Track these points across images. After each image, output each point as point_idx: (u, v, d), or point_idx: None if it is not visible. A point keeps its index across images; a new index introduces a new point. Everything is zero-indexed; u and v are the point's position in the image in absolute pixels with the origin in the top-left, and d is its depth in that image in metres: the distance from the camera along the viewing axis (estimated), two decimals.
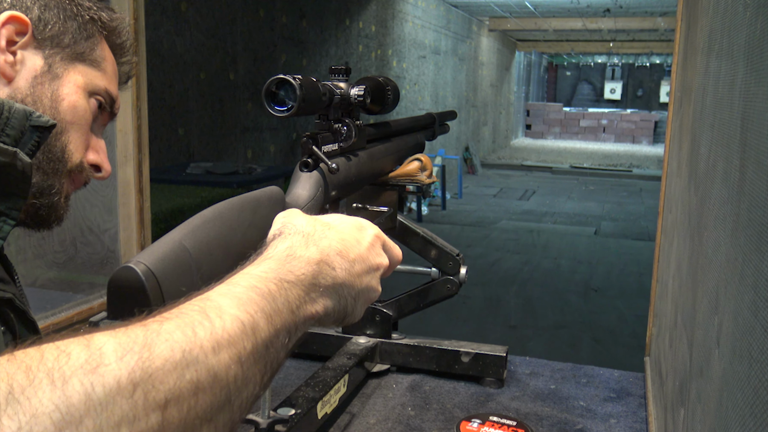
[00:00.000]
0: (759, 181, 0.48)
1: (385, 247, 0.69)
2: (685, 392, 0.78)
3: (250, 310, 0.49)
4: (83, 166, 0.76)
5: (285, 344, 0.52)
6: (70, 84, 0.73)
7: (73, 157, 0.74)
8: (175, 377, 0.41)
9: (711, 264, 0.67)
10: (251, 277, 0.53)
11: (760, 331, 0.45)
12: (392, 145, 1.11)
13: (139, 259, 0.52)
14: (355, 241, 0.64)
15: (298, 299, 0.55)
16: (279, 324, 0.51)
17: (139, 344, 0.40)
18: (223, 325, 0.46)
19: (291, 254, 0.58)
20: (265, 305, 0.50)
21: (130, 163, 1.60)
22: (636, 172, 13.17)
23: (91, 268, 1.65)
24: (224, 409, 0.44)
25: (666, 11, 10.77)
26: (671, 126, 1.32)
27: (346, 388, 1.16)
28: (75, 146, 0.74)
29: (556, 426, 1.13)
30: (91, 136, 0.78)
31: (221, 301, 0.48)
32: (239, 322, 0.47)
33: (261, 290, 0.51)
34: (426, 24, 9.82)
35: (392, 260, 0.70)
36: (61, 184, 0.74)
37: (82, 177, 0.77)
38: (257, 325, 0.49)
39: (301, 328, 0.55)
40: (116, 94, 0.81)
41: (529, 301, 5.04)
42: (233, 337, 0.46)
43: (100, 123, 0.80)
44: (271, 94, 0.78)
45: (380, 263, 0.66)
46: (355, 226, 0.66)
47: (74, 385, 0.36)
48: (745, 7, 0.58)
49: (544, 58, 22.70)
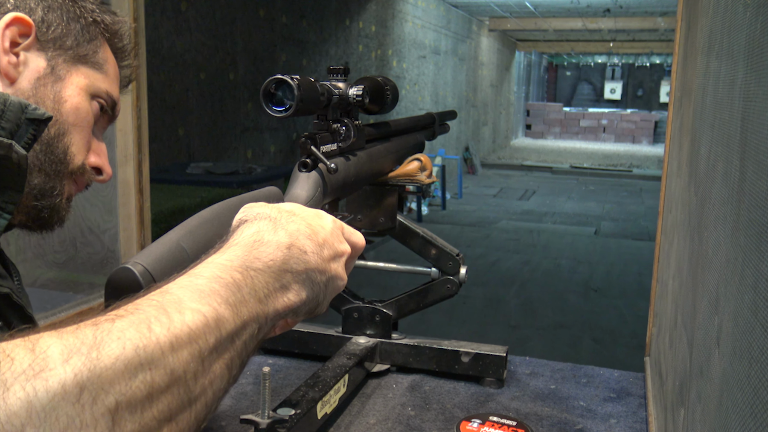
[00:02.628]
0: (759, 181, 0.48)
1: (345, 234, 0.67)
2: (685, 392, 0.78)
3: (212, 302, 0.47)
4: (85, 169, 0.76)
5: (254, 335, 0.50)
6: (72, 86, 0.73)
7: (75, 159, 0.74)
8: (127, 378, 0.38)
9: (711, 264, 0.66)
10: (215, 266, 0.50)
11: (760, 331, 0.45)
12: (392, 145, 1.11)
13: (137, 259, 0.52)
14: (319, 227, 0.62)
15: (266, 287, 0.53)
16: (246, 315, 0.49)
17: (87, 345, 0.38)
18: (183, 320, 0.44)
19: (258, 239, 0.55)
20: (230, 296, 0.48)
21: (130, 163, 1.60)
22: (636, 172, 13.17)
23: (91, 268, 1.65)
24: (186, 408, 0.42)
25: (666, 11, 10.77)
26: (671, 126, 1.32)
27: (346, 388, 1.16)
28: (77, 148, 0.74)
29: (556, 426, 1.13)
30: (92, 138, 0.78)
31: (181, 294, 0.46)
32: (201, 315, 0.45)
33: (225, 280, 0.49)
34: (426, 24, 9.82)
35: (355, 247, 0.68)
36: (63, 185, 0.74)
37: (83, 179, 0.77)
38: (221, 317, 0.46)
39: (273, 317, 0.53)
40: (117, 97, 0.81)
41: (529, 301, 5.04)
42: (194, 332, 0.44)
43: (100, 126, 0.80)
44: (270, 94, 0.78)
45: (344, 250, 0.65)
46: (315, 213, 0.65)
47: (16, 391, 0.34)
48: (745, 7, 0.58)
49: (544, 58, 22.70)
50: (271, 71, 5.45)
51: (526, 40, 17.00)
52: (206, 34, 4.97)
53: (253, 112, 5.60)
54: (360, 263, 1.51)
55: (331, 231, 0.63)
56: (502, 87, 16.23)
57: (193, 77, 4.88)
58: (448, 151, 10.10)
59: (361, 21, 7.61)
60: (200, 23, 4.89)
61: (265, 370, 0.87)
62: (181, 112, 4.78)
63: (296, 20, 6.15)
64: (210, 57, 5.04)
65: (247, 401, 1.18)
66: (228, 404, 1.16)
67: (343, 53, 7.14)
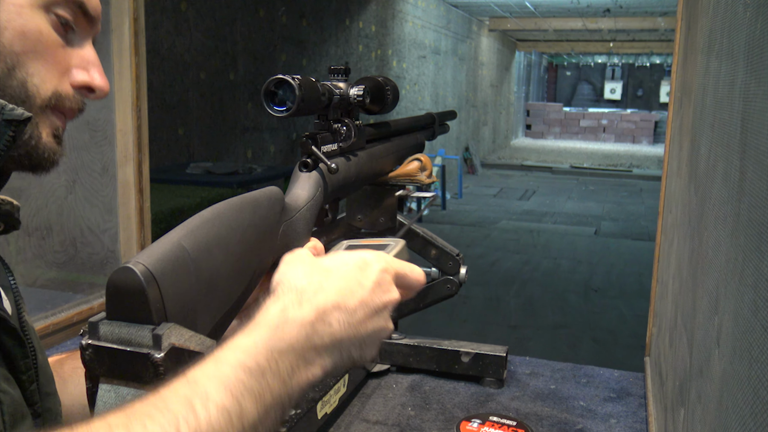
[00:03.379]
0: (759, 181, 0.48)
1: (397, 279, 0.64)
2: (685, 392, 0.78)
3: (236, 392, 0.48)
4: (63, 95, 0.63)
5: (276, 417, 0.52)
6: (8, 6, 0.59)
7: (40, 91, 0.61)
8: None
9: (711, 264, 0.66)
10: (240, 351, 0.52)
11: (760, 331, 0.45)
12: (392, 145, 1.11)
13: (138, 259, 0.52)
14: (357, 285, 0.60)
15: (290, 367, 0.53)
16: (269, 401, 0.51)
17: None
18: (208, 418, 0.46)
19: (283, 319, 0.55)
20: (254, 385, 0.50)
21: (130, 163, 1.60)
22: (636, 172, 13.17)
23: (91, 268, 1.65)
24: None
25: (666, 11, 10.76)
26: (671, 126, 1.32)
27: (346, 388, 1.16)
28: (40, 78, 0.61)
29: (556, 426, 1.13)
30: (72, 52, 0.64)
31: (208, 386, 0.48)
32: (225, 411, 0.47)
33: (249, 367, 0.50)
34: (426, 24, 9.82)
35: (411, 287, 0.65)
36: (35, 127, 0.62)
37: (69, 106, 0.64)
38: (244, 410, 0.48)
39: (297, 394, 0.54)
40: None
41: (529, 301, 5.04)
42: (217, 430, 0.46)
43: (80, 35, 0.65)
44: (270, 94, 0.78)
45: (388, 301, 0.61)
46: (358, 265, 0.61)
47: None
48: (745, 7, 0.58)
49: (544, 58, 22.70)
50: (271, 71, 5.45)
51: (526, 40, 17.00)
52: (206, 34, 4.97)
53: (253, 112, 5.60)
54: None
55: (372, 287, 0.60)
56: (502, 87, 16.23)
57: (193, 77, 4.88)
58: (448, 151, 10.10)
59: (361, 21, 7.61)
60: (200, 23, 4.89)
61: None
62: (181, 112, 4.78)
63: (296, 20, 6.15)
64: (210, 57, 5.04)
65: None
66: None
67: (343, 53, 7.14)
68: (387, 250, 0.69)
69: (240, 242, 0.63)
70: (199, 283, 0.57)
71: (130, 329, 0.51)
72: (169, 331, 0.51)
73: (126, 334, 0.51)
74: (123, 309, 0.52)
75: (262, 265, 0.68)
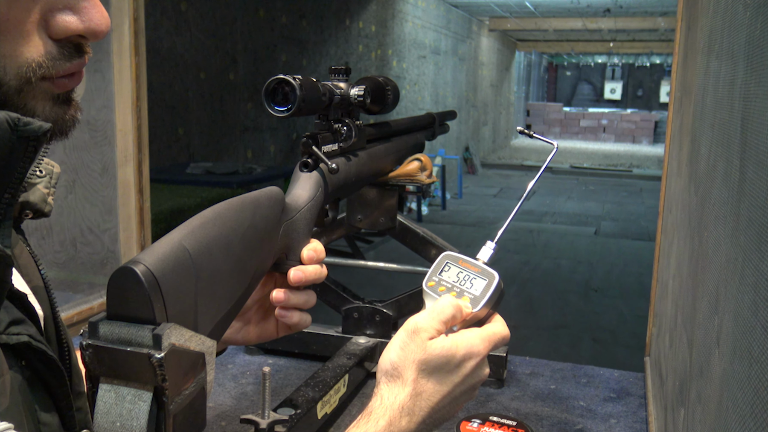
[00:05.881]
0: (759, 182, 0.48)
1: (489, 354, 0.74)
2: (685, 392, 0.78)
3: None
4: (56, 56, 0.50)
5: None
6: None
7: (18, 62, 0.48)
8: None
9: (711, 264, 0.66)
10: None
11: (760, 331, 0.45)
12: (392, 145, 1.11)
13: (139, 259, 0.52)
14: (461, 394, 0.73)
15: None
16: None
17: None
18: None
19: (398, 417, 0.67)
20: None
21: (130, 163, 1.60)
22: (636, 172, 13.17)
23: (91, 268, 1.66)
24: None
25: (666, 11, 10.76)
26: (671, 126, 1.32)
27: (346, 388, 1.16)
28: (17, 52, 0.48)
29: (556, 426, 1.13)
30: (56, 11, 0.50)
31: None
32: None
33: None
34: (426, 24, 9.82)
35: (498, 346, 0.75)
36: (35, 102, 0.51)
37: (70, 64, 0.52)
38: None
39: None
40: None
41: (529, 301, 5.04)
42: None
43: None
44: (271, 94, 0.78)
45: (479, 383, 0.74)
46: (471, 385, 0.73)
47: None
48: (745, 7, 0.58)
49: (544, 58, 22.70)
50: (271, 71, 5.46)
51: (526, 40, 17.00)
52: (206, 34, 4.97)
53: (253, 112, 5.60)
54: (360, 263, 1.51)
55: (474, 384, 0.73)
56: (502, 87, 16.23)
57: (193, 77, 4.88)
58: (448, 151, 10.10)
59: (361, 21, 7.61)
60: (200, 23, 4.89)
61: (265, 370, 0.87)
62: (181, 112, 4.78)
63: (296, 20, 6.15)
64: (210, 57, 5.04)
65: (247, 401, 1.18)
66: (228, 404, 1.16)
67: (343, 53, 7.14)
68: (482, 292, 0.78)
69: (240, 242, 0.63)
70: (199, 283, 0.57)
71: (130, 329, 0.51)
72: (169, 331, 0.51)
73: (126, 334, 0.51)
74: (123, 309, 0.52)
75: (262, 265, 0.68)
